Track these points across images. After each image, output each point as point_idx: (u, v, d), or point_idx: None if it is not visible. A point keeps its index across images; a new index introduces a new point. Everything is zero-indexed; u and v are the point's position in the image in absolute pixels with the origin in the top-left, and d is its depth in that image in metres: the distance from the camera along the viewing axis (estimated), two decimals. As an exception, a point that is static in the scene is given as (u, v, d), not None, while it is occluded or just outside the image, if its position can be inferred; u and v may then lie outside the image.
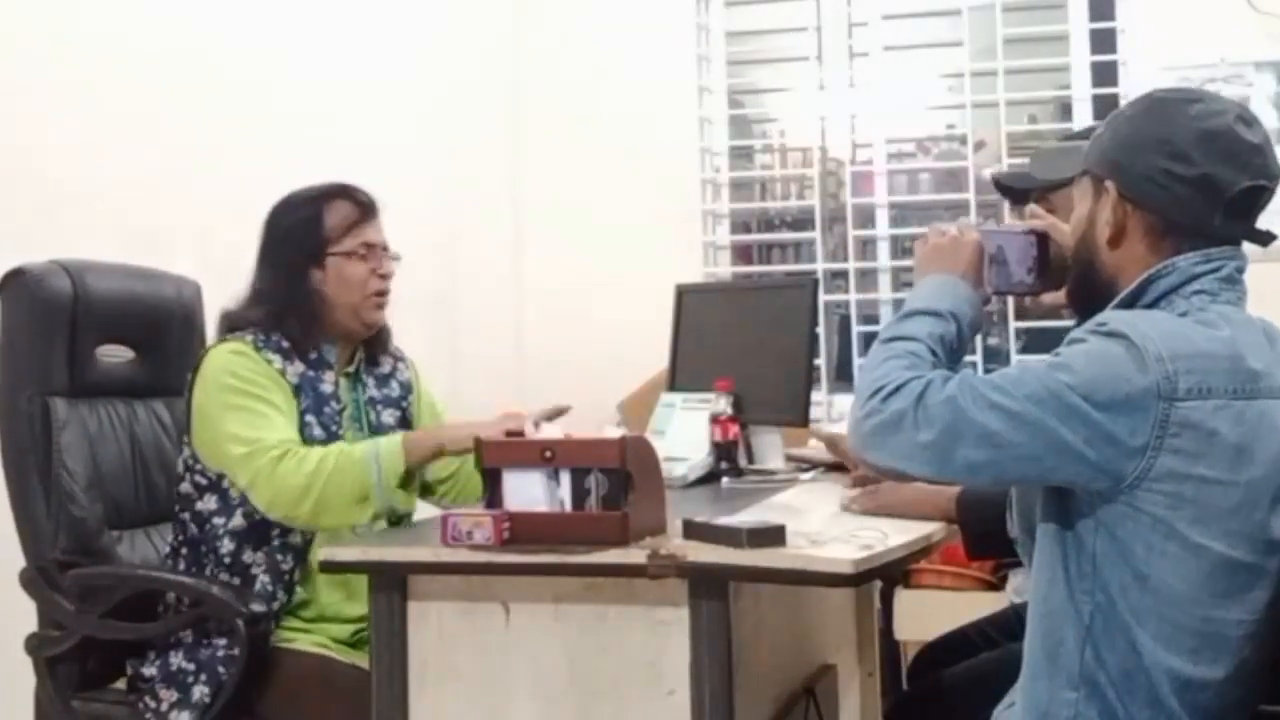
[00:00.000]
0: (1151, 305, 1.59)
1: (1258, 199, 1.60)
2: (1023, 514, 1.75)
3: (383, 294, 2.36)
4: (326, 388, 2.33)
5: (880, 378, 1.59)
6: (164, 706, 2.20)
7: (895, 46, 4.55)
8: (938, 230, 1.81)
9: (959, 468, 1.53)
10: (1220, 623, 1.52)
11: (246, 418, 2.20)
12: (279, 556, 2.25)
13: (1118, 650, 1.53)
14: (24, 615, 2.34)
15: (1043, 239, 1.85)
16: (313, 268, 2.32)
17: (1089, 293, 1.69)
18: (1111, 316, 1.57)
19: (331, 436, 2.29)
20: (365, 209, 2.37)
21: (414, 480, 2.24)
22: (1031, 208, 1.86)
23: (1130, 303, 1.60)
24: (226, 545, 2.25)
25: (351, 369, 2.40)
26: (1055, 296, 2.07)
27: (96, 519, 2.33)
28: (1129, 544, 1.51)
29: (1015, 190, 2.50)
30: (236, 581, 2.23)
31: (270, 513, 2.18)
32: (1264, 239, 1.65)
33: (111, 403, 2.44)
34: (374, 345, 2.44)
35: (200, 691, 2.19)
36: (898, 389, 1.56)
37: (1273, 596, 1.55)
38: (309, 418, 2.28)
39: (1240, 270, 1.61)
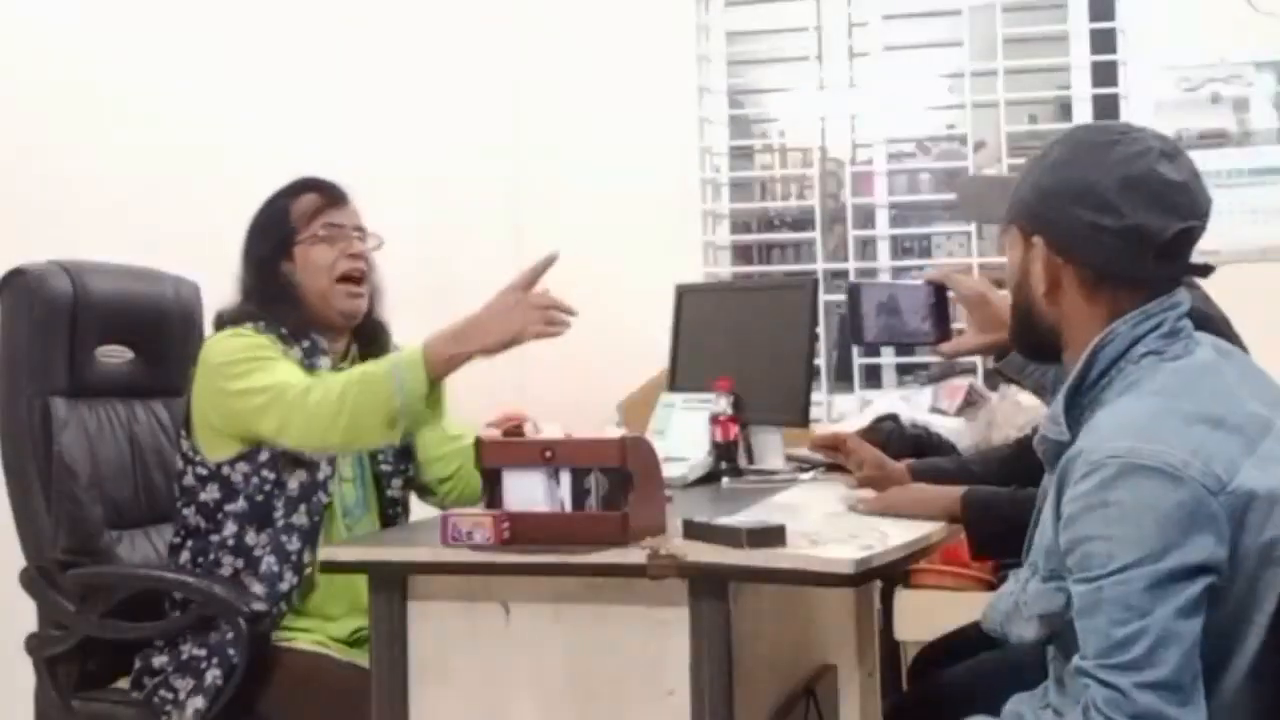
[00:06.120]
0: (1102, 376, 1.54)
1: (1189, 239, 1.55)
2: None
3: (353, 278, 2.35)
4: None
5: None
6: (181, 695, 2.19)
7: (895, 46, 4.54)
8: None
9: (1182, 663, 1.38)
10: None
11: (259, 374, 2.19)
12: (284, 538, 2.23)
13: None
14: (24, 615, 2.34)
15: (939, 289, 1.84)
16: (283, 260, 2.33)
17: (1033, 340, 1.68)
18: (1096, 446, 1.46)
19: None
20: (331, 197, 2.38)
21: (439, 392, 2.18)
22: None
23: (1083, 383, 1.55)
24: (229, 528, 2.24)
25: (345, 364, 2.39)
26: (954, 345, 2.11)
27: (96, 519, 2.33)
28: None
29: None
30: (240, 564, 2.23)
31: (304, 446, 2.18)
32: (1202, 272, 1.62)
33: (111, 403, 2.44)
34: (369, 343, 2.42)
35: (213, 675, 2.18)
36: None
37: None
38: None
39: (1180, 318, 1.56)
